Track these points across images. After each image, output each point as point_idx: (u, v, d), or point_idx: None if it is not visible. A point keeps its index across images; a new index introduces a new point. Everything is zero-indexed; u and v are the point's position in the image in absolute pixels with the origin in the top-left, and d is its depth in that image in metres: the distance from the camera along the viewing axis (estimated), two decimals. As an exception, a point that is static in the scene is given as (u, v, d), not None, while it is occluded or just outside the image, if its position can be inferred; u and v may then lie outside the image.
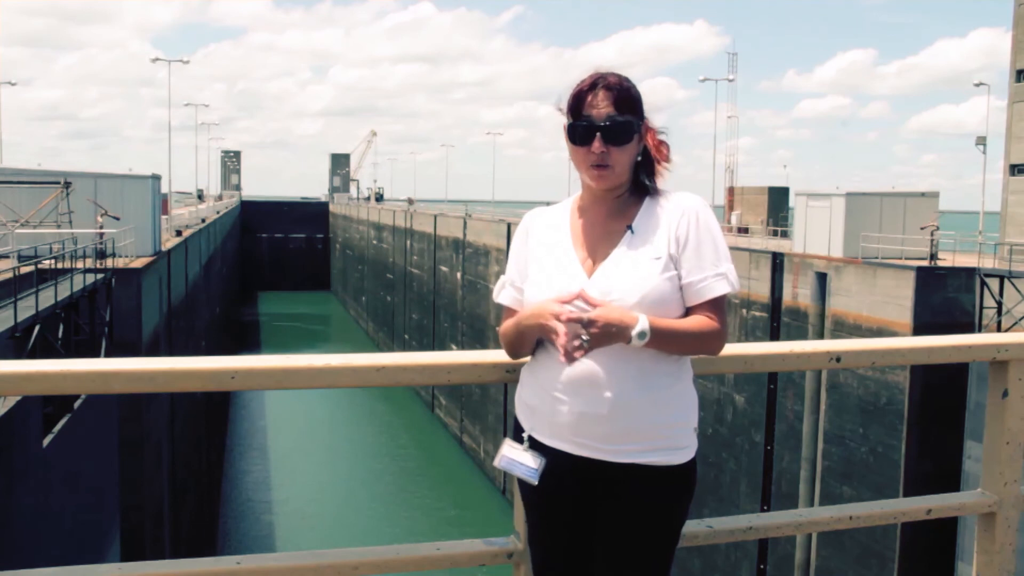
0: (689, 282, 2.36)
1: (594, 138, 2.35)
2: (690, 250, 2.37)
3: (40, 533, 12.65)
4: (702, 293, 2.37)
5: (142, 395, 17.77)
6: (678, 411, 2.39)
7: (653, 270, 2.34)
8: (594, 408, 2.32)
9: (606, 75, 2.39)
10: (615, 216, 2.44)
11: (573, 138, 2.39)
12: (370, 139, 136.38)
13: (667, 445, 2.36)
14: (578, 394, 2.33)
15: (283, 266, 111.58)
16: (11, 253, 19.88)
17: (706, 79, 52.63)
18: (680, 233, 2.38)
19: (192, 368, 2.35)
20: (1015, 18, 31.75)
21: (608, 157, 2.36)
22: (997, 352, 2.91)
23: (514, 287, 2.53)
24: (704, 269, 2.37)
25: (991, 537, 2.98)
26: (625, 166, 2.40)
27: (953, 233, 28.82)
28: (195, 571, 2.43)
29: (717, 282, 2.37)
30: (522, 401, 2.49)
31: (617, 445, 2.33)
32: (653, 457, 2.34)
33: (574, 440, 2.36)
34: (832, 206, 27.48)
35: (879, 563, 21.86)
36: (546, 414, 2.39)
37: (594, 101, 2.37)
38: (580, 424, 2.34)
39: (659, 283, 2.33)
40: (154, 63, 52.21)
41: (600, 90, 2.37)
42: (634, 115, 2.39)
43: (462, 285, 50.63)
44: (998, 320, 21.87)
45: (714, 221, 2.43)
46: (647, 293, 2.31)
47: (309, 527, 34.08)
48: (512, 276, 2.55)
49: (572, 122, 2.39)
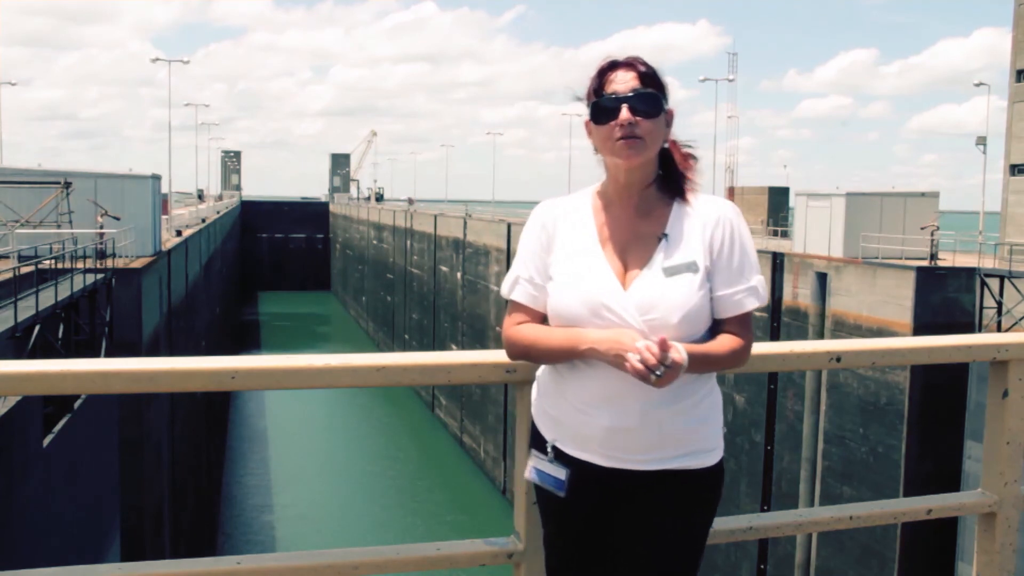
0: (721, 295, 2.31)
1: (620, 109, 2.26)
2: (724, 262, 2.30)
3: (40, 533, 12.65)
4: (732, 308, 2.32)
5: (142, 395, 17.77)
6: (706, 414, 2.36)
7: (692, 285, 2.26)
8: (624, 421, 2.27)
9: (629, 56, 2.34)
10: (643, 216, 2.35)
11: (597, 116, 2.30)
12: (370, 139, 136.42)
13: (697, 448, 2.33)
14: (606, 407, 2.28)
15: (283, 266, 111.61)
16: (11, 253, 19.87)
17: (706, 79, 52.63)
18: (715, 243, 2.31)
19: (192, 368, 2.34)
20: (1015, 18, 31.77)
21: (637, 128, 2.26)
22: (997, 352, 2.91)
23: (532, 284, 2.40)
24: (736, 283, 2.31)
25: (991, 537, 2.98)
26: (655, 141, 2.30)
27: (953, 233, 28.85)
28: (195, 571, 2.43)
29: (748, 297, 2.32)
30: (543, 411, 2.42)
31: (647, 454, 2.29)
32: (683, 462, 2.31)
33: (602, 452, 2.30)
34: (832, 206, 27.49)
35: (879, 563, 21.86)
36: (572, 426, 2.33)
37: (617, 77, 2.29)
38: (609, 437, 2.29)
39: (698, 299, 2.26)
40: (154, 63, 52.22)
41: (622, 68, 2.31)
42: (659, 91, 2.31)
43: (462, 285, 50.63)
44: (998, 320, 21.87)
45: (747, 230, 2.37)
46: (688, 312, 2.25)
47: (309, 527, 34.08)
48: (530, 273, 2.40)
49: (596, 101, 2.30)
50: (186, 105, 70.55)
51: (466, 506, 38.53)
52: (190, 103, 69.58)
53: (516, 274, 2.43)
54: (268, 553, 2.63)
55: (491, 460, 43.31)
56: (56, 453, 13.67)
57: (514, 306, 2.43)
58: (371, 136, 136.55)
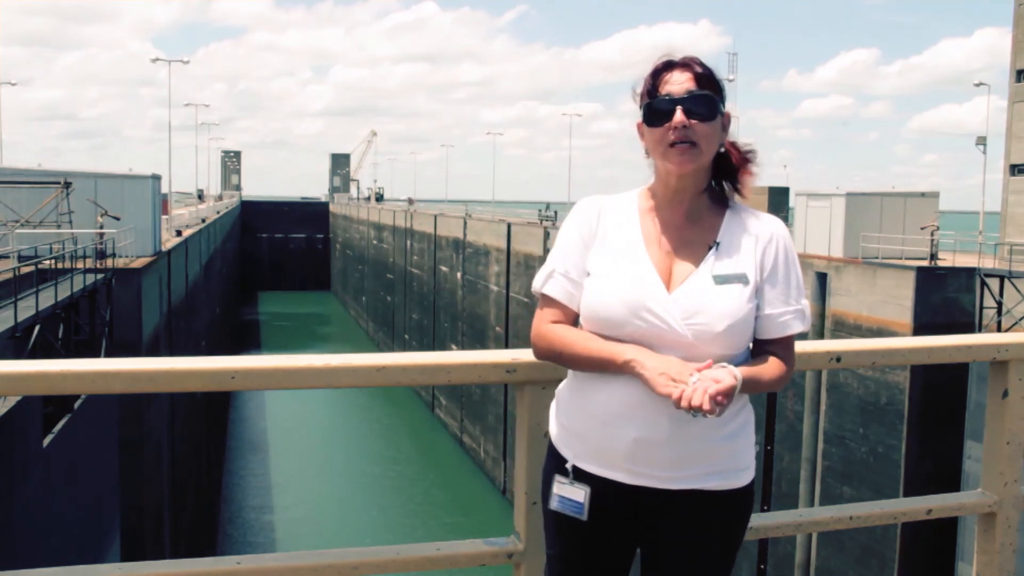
0: (768, 315, 2.21)
1: (675, 112, 2.14)
2: (774, 281, 2.21)
3: (40, 533, 12.65)
4: (779, 329, 2.22)
5: (142, 395, 17.78)
6: (738, 431, 2.24)
7: (741, 297, 2.16)
8: (651, 433, 2.14)
9: (685, 56, 2.23)
10: (692, 223, 2.24)
11: (650, 118, 2.19)
12: (370, 139, 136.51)
13: (728, 467, 2.22)
14: (632, 419, 2.15)
15: (283, 266, 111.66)
16: (11, 253, 19.89)
17: (706, 79, 52.61)
18: (767, 260, 2.21)
19: (192, 368, 2.34)
20: (1015, 18, 31.76)
21: (692, 132, 2.14)
22: (997, 352, 2.91)
23: (568, 279, 2.25)
24: (785, 303, 2.22)
25: (991, 537, 2.98)
26: (710, 146, 2.18)
27: (953, 233, 28.82)
28: (195, 571, 2.43)
29: (795, 319, 2.23)
30: (563, 427, 2.29)
31: (676, 471, 2.17)
32: (713, 481, 2.20)
33: (628, 468, 2.18)
34: (832, 206, 27.49)
35: (879, 563, 21.86)
36: (596, 441, 2.20)
37: (671, 78, 2.18)
38: (636, 451, 2.16)
39: (746, 312, 2.16)
40: (154, 63, 52.23)
41: (678, 68, 2.20)
42: (716, 93, 2.19)
43: (462, 285, 50.63)
44: (998, 320, 21.87)
45: (795, 253, 2.28)
46: (734, 322, 2.14)
47: (309, 527, 34.08)
48: (567, 267, 2.26)
49: (649, 102, 2.19)
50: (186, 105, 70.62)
51: (466, 506, 38.52)
52: (190, 103, 69.63)
53: (551, 267, 2.29)
54: (268, 553, 2.63)
55: (491, 460, 43.30)
56: (56, 453, 13.67)
57: (546, 301, 2.29)
58: (371, 136, 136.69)
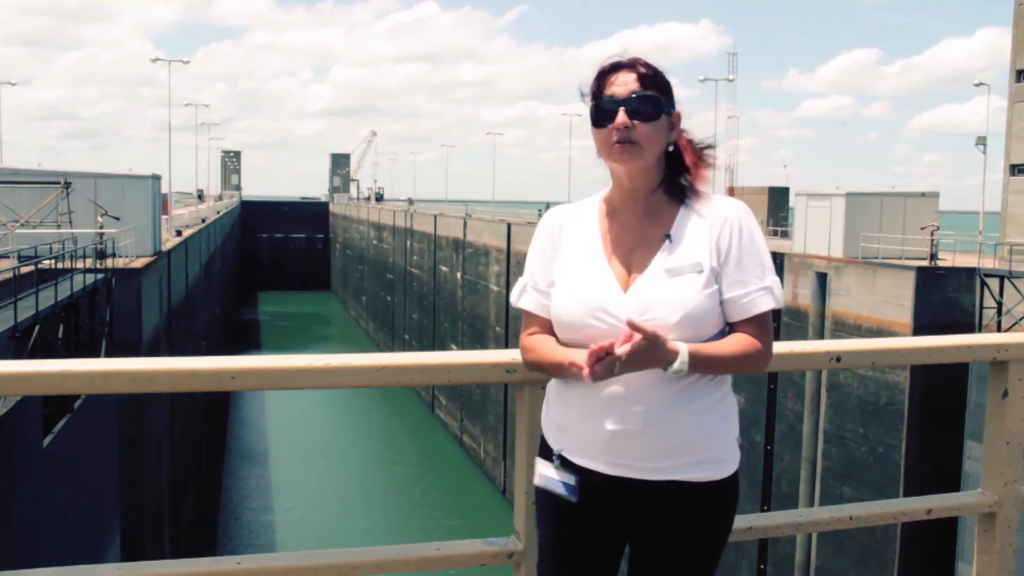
0: (731, 297, 2.22)
1: (618, 113, 2.21)
2: (732, 262, 2.22)
3: (40, 533, 12.65)
4: (745, 309, 2.22)
5: (142, 395, 17.78)
6: (717, 421, 2.24)
7: (695, 285, 2.18)
8: (627, 424, 2.18)
9: (630, 57, 2.28)
10: (650, 220, 2.28)
11: (596, 120, 2.25)
12: (370, 139, 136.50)
13: (707, 459, 2.22)
14: (610, 411, 2.20)
15: (283, 266, 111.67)
16: (11, 253, 19.89)
17: (706, 79, 52.64)
18: (722, 243, 2.23)
19: (192, 368, 2.34)
20: (1015, 18, 31.77)
21: (633, 132, 2.20)
22: (997, 352, 2.91)
23: (537, 290, 2.35)
24: (747, 283, 2.22)
25: (991, 537, 2.98)
26: (653, 145, 2.23)
27: (953, 233, 28.83)
28: (195, 571, 2.43)
29: (761, 297, 2.23)
30: (549, 420, 2.36)
31: (654, 462, 2.20)
32: (693, 473, 2.21)
33: (608, 459, 2.22)
34: (832, 206, 27.49)
35: (879, 563, 21.86)
36: (577, 433, 2.26)
37: (616, 79, 2.24)
38: (614, 442, 2.20)
39: (701, 300, 2.18)
40: (154, 63, 52.20)
41: (623, 70, 2.25)
42: (661, 93, 2.24)
43: (462, 285, 50.63)
44: (998, 320, 21.87)
45: (758, 230, 2.30)
46: (689, 312, 2.16)
47: (309, 527, 34.08)
48: (536, 279, 2.36)
49: (595, 103, 2.25)
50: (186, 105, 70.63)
51: (466, 506, 38.53)
52: (190, 103, 69.66)
53: (524, 282, 2.39)
54: (268, 553, 2.63)
55: (491, 460, 43.30)
56: (56, 453, 13.67)
57: (525, 314, 2.39)
58: (371, 136, 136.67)
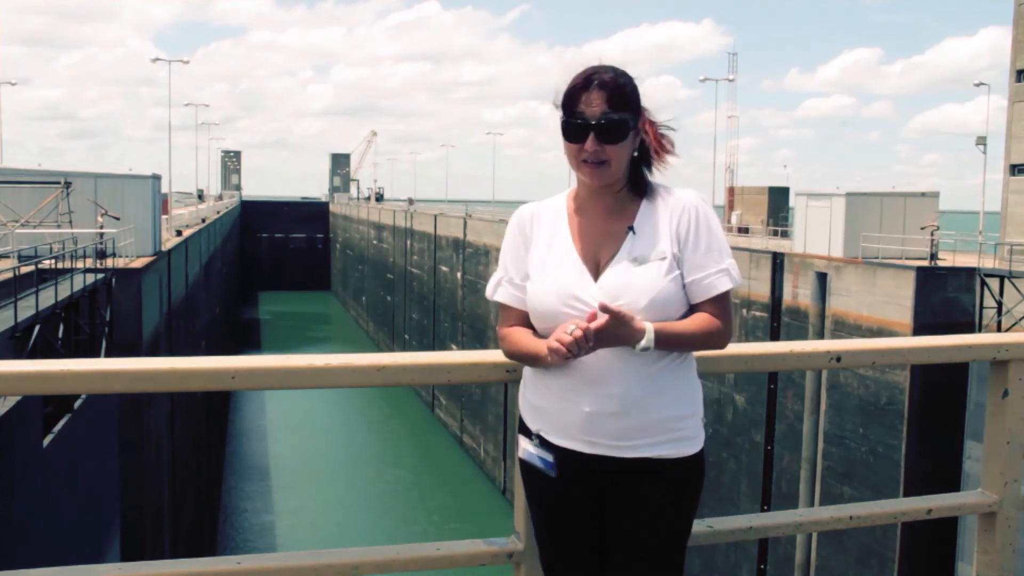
0: (692, 280, 2.38)
1: (588, 136, 2.33)
2: (691, 248, 2.38)
3: (40, 533, 12.64)
4: (705, 291, 2.38)
5: (142, 395, 17.78)
6: (686, 402, 2.41)
7: (658, 272, 2.35)
8: (604, 407, 2.33)
9: (600, 71, 2.35)
10: (615, 214, 2.43)
11: (566, 135, 2.37)
12: (370, 139, 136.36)
13: (677, 437, 2.38)
14: (586, 394, 2.35)
15: (283, 266, 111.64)
16: (11, 253, 19.88)
17: (706, 79, 52.59)
18: (681, 231, 2.38)
19: (192, 368, 2.35)
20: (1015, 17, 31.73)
21: (602, 154, 2.34)
22: (997, 352, 2.91)
23: (512, 284, 2.50)
24: (706, 267, 2.38)
25: (991, 537, 2.98)
26: (621, 163, 2.38)
27: (953, 233, 28.83)
28: (195, 571, 2.43)
29: (719, 279, 2.38)
30: (527, 402, 2.49)
31: (630, 440, 2.35)
32: (663, 450, 2.36)
33: (585, 439, 2.37)
34: (832, 206, 27.48)
35: (879, 563, 21.85)
36: (554, 415, 2.40)
37: (588, 99, 2.33)
38: (591, 423, 2.35)
39: (665, 284, 2.34)
40: (154, 63, 52.12)
41: (594, 89, 2.34)
42: (629, 112, 2.35)
43: (462, 285, 50.63)
44: (998, 320, 21.87)
45: (714, 216, 2.43)
46: (654, 297, 2.33)
47: (309, 527, 34.08)
48: (510, 273, 2.51)
49: (566, 119, 2.36)
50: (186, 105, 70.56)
51: (466, 506, 38.52)
52: (190, 103, 69.47)
53: (498, 276, 2.54)
54: (268, 553, 2.63)
55: (491, 460, 43.30)
56: (56, 453, 13.67)
57: (502, 307, 2.53)
58: (371, 136, 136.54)
